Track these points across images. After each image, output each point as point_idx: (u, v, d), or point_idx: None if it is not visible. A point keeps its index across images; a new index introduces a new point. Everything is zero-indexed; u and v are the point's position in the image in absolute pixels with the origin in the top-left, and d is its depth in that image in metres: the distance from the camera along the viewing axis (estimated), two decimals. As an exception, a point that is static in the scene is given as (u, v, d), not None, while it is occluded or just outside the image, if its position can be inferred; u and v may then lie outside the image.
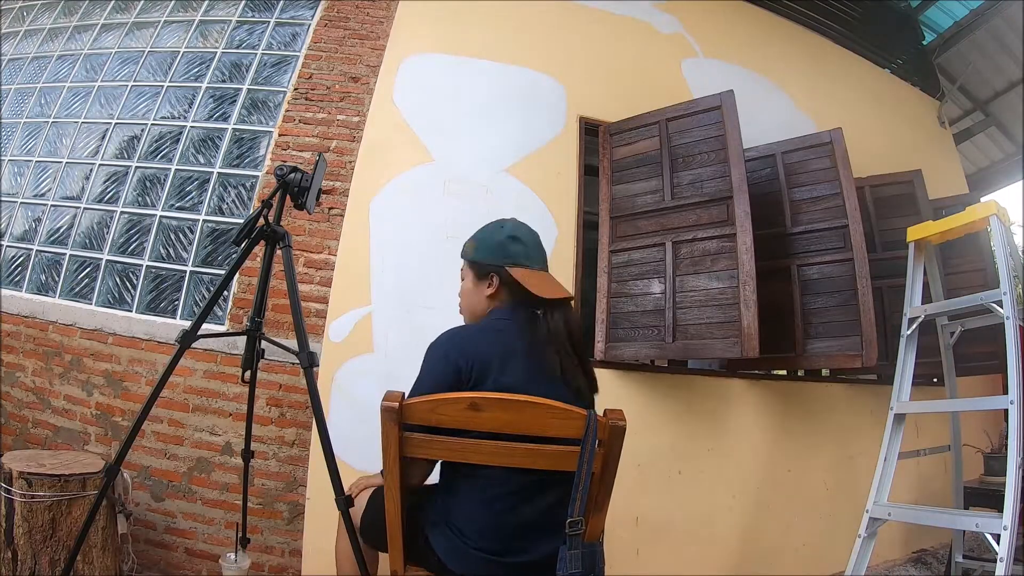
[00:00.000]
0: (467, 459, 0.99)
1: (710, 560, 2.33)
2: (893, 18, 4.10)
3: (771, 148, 2.65)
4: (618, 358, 2.34)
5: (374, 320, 2.20)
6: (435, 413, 0.96)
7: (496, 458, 0.97)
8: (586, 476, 0.97)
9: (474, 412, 0.95)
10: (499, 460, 0.97)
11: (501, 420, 0.95)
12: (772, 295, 2.36)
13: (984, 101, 4.71)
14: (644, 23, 2.98)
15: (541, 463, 0.99)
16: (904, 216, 2.80)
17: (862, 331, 2.27)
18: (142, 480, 2.17)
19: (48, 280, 2.59)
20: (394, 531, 1.02)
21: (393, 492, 0.98)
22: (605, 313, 2.41)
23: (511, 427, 0.95)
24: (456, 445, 0.97)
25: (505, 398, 0.96)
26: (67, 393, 2.35)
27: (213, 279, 2.39)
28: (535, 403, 0.96)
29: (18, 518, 1.62)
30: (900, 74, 4.01)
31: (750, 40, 3.26)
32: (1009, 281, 1.79)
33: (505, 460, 0.97)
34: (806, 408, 2.67)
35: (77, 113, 2.88)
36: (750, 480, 2.47)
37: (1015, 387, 1.64)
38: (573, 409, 0.98)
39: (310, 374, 1.43)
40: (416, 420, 0.97)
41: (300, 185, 1.54)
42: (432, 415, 0.96)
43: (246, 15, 2.90)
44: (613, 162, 2.57)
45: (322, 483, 1.55)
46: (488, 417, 0.95)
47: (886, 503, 1.89)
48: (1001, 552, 1.49)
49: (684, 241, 2.29)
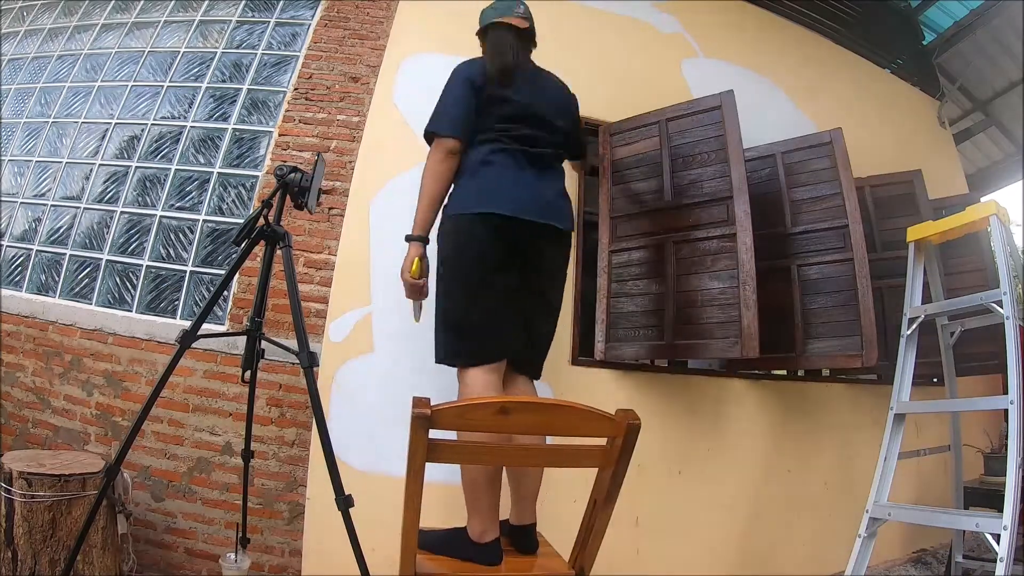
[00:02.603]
0: (493, 463, 1.00)
1: (710, 560, 2.33)
2: (893, 18, 4.10)
3: (771, 148, 2.65)
4: (618, 358, 2.34)
5: (374, 320, 2.20)
6: (465, 418, 0.97)
7: (521, 460, 0.98)
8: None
9: (503, 416, 0.96)
10: (524, 462, 0.98)
11: (529, 422, 0.97)
12: (772, 295, 2.36)
13: (984, 101, 4.72)
14: (644, 23, 2.98)
15: (564, 462, 1.00)
16: (904, 216, 2.80)
17: (862, 331, 2.27)
18: (142, 480, 2.17)
19: (48, 280, 2.59)
20: (408, 536, 1.02)
21: (414, 499, 0.98)
22: (605, 313, 2.41)
23: (539, 429, 0.96)
24: (482, 449, 0.98)
25: (534, 401, 0.97)
26: (67, 393, 2.35)
27: (213, 279, 2.39)
28: (561, 405, 0.97)
29: (18, 518, 1.62)
30: (900, 74, 4.00)
31: (750, 40, 3.26)
32: (1009, 281, 1.79)
33: (531, 461, 0.98)
34: (806, 408, 2.67)
35: (77, 113, 2.88)
36: (750, 480, 2.47)
37: (1015, 387, 1.64)
38: (597, 411, 1.00)
39: (310, 374, 1.43)
40: (446, 426, 0.97)
41: (300, 185, 1.54)
42: (462, 420, 0.96)
43: (246, 15, 2.90)
44: (613, 162, 2.56)
45: (322, 483, 1.55)
46: (516, 420, 0.96)
47: (886, 503, 1.89)
48: (1001, 552, 1.49)
49: (684, 241, 2.29)
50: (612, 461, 1.01)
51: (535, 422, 0.99)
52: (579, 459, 1.05)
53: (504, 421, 0.96)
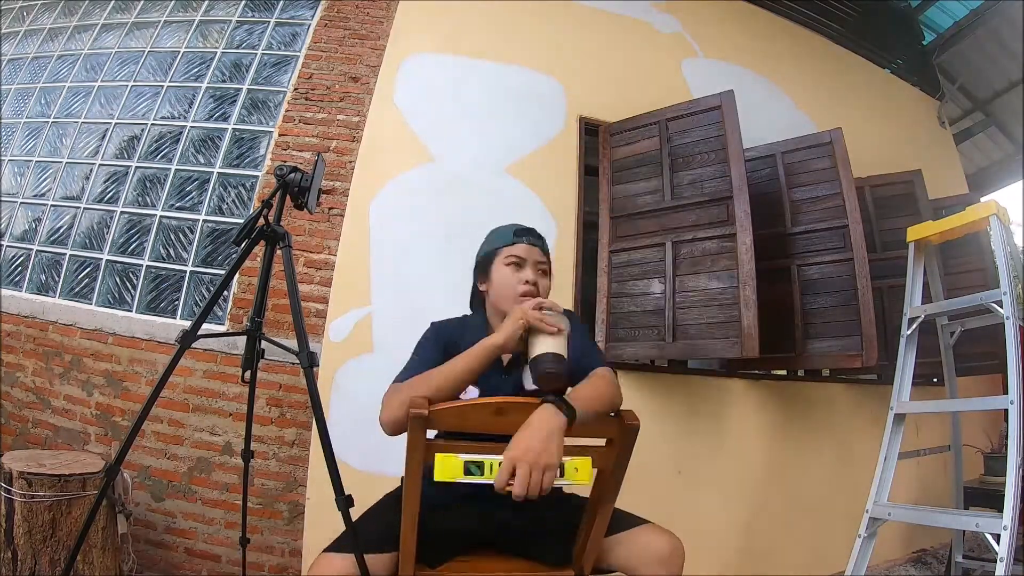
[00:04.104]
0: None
1: (710, 560, 2.33)
2: (893, 18, 4.10)
3: (771, 148, 2.65)
4: (618, 358, 2.34)
5: (374, 320, 2.20)
6: (462, 419, 0.97)
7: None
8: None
9: (501, 416, 0.96)
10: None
11: (523, 422, 0.97)
12: (772, 295, 2.36)
13: (984, 101, 4.72)
14: (644, 23, 2.98)
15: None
16: (904, 216, 2.80)
17: (862, 331, 2.27)
18: (142, 480, 2.17)
19: (48, 280, 2.59)
20: (408, 537, 1.02)
21: (413, 499, 0.99)
22: (605, 313, 2.41)
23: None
24: (478, 449, 0.98)
25: (529, 402, 0.97)
26: (67, 393, 2.35)
27: (213, 279, 2.39)
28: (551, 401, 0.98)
29: (18, 518, 1.62)
30: (900, 74, 4.01)
31: (750, 40, 3.26)
32: (1009, 281, 1.79)
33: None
34: (806, 408, 2.67)
35: (77, 113, 2.88)
36: (750, 480, 2.47)
37: (1015, 387, 1.64)
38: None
39: (310, 374, 1.43)
40: (444, 427, 0.98)
41: (300, 185, 1.54)
42: (459, 420, 0.97)
43: (246, 15, 2.90)
44: (613, 162, 2.57)
45: (322, 483, 1.55)
46: (512, 420, 0.96)
47: (886, 503, 1.89)
48: (1001, 552, 1.49)
49: (684, 241, 2.29)
50: (611, 461, 1.01)
51: None
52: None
53: (501, 421, 0.97)
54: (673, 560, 1.05)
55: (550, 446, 0.89)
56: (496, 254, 1.23)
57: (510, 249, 1.22)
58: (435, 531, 1.07)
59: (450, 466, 0.90)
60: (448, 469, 0.90)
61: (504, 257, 1.22)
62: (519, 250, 1.21)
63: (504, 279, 1.21)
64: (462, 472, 0.90)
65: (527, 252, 1.22)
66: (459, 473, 0.90)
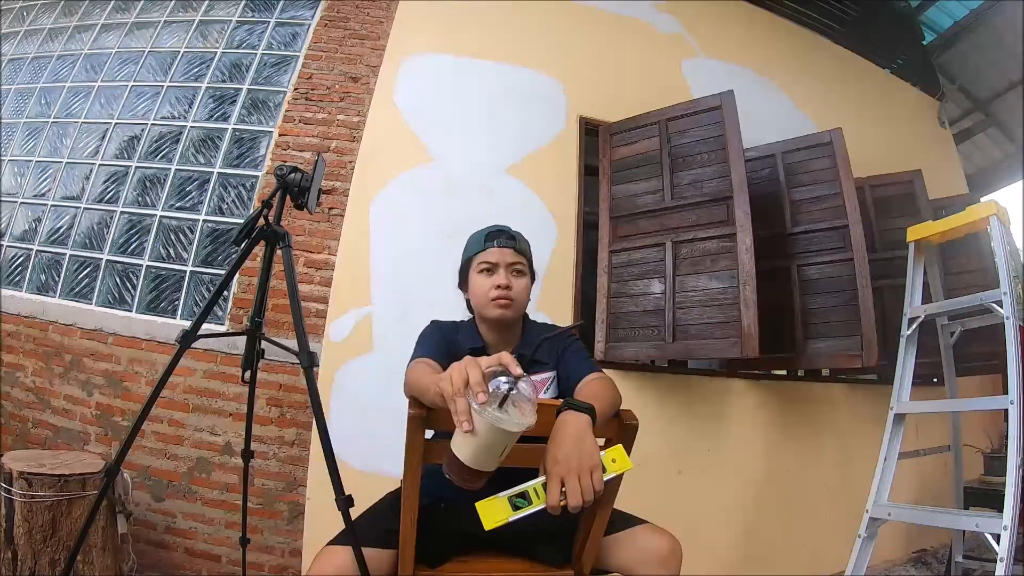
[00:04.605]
0: None
1: (710, 560, 2.33)
2: (893, 18, 4.10)
3: (771, 148, 2.65)
4: (618, 358, 2.34)
5: (374, 320, 2.20)
6: None
7: (518, 460, 0.97)
8: None
9: None
10: (521, 462, 0.97)
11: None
12: (772, 295, 2.36)
13: (984, 101, 4.71)
14: (644, 23, 2.98)
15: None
16: (904, 216, 2.80)
17: (862, 331, 2.27)
18: (142, 480, 2.17)
19: (48, 280, 2.59)
20: (408, 537, 1.02)
21: (412, 500, 0.98)
22: (605, 313, 2.41)
23: (536, 429, 0.95)
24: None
25: (543, 404, 0.97)
26: (67, 393, 2.35)
27: (213, 279, 2.40)
28: (555, 405, 0.97)
29: (18, 518, 1.62)
30: (900, 74, 4.00)
31: (750, 40, 3.26)
32: (1009, 281, 1.79)
33: (529, 461, 0.98)
34: (806, 408, 2.67)
35: (77, 113, 2.88)
36: (750, 480, 2.47)
37: (1015, 387, 1.64)
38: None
39: (310, 374, 1.43)
40: (443, 427, 0.97)
41: (300, 185, 1.54)
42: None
43: (246, 15, 2.90)
44: (613, 162, 2.57)
45: (322, 483, 1.55)
46: None
47: (886, 503, 1.89)
48: (1001, 552, 1.49)
49: (684, 241, 2.29)
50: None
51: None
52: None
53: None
54: (671, 560, 1.05)
55: (585, 447, 0.84)
56: (471, 261, 1.24)
57: (482, 255, 1.22)
58: (435, 531, 1.06)
59: (495, 509, 0.80)
60: (494, 513, 0.80)
61: (477, 264, 1.22)
62: (490, 255, 1.21)
63: (478, 286, 1.21)
64: (511, 510, 0.80)
65: (499, 256, 1.21)
66: (508, 512, 0.80)
